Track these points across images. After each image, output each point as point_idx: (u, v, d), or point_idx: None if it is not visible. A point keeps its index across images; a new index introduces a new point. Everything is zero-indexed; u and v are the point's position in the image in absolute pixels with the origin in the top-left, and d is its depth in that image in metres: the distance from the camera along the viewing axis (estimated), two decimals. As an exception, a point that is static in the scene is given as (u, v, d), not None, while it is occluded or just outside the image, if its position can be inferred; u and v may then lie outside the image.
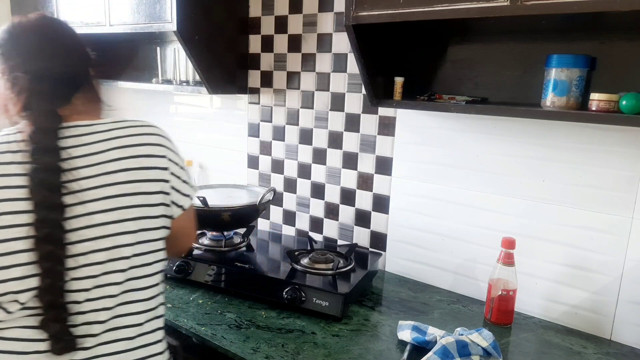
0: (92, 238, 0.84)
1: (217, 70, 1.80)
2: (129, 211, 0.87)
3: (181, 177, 0.96)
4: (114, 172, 0.86)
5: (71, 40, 0.96)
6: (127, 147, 0.89)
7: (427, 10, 1.11)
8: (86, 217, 0.84)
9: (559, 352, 1.20)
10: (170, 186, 0.93)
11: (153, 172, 0.90)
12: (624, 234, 1.22)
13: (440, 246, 1.54)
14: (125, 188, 0.87)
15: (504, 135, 1.37)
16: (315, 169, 1.79)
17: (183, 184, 0.96)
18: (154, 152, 0.91)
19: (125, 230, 0.86)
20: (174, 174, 0.94)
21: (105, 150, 0.87)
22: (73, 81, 0.94)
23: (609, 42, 1.17)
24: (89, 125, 0.90)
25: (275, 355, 1.13)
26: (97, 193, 0.85)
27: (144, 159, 0.89)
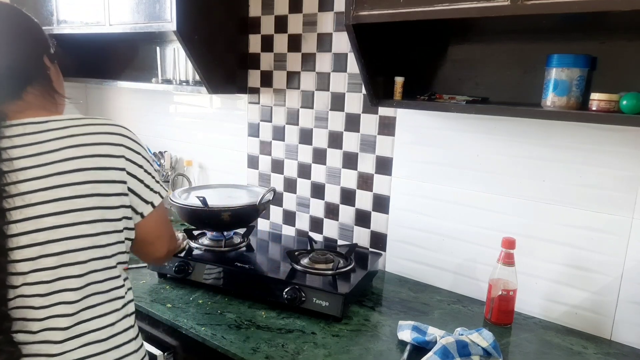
0: (41, 242, 0.79)
1: (217, 70, 1.80)
2: (85, 213, 0.82)
3: (143, 180, 0.90)
4: (68, 172, 0.81)
5: (24, 29, 0.88)
6: (84, 146, 0.83)
7: (427, 10, 1.11)
8: (35, 220, 0.79)
9: (559, 352, 1.20)
10: (127, 187, 0.88)
11: (111, 172, 0.85)
12: (624, 234, 1.22)
13: (440, 246, 1.54)
14: (80, 189, 0.81)
15: (505, 135, 1.37)
16: (315, 169, 1.79)
17: (144, 188, 0.90)
18: (113, 151, 0.86)
19: (80, 233, 0.82)
20: (132, 176, 0.88)
21: (59, 148, 0.81)
22: (23, 74, 0.87)
23: (609, 42, 1.16)
24: (42, 122, 0.83)
25: (275, 355, 1.13)
26: (48, 195, 0.79)
27: (101, 159, 0.84)
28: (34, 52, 0.89)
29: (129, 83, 2.10)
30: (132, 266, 1.59)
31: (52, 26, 2.06)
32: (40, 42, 0.91)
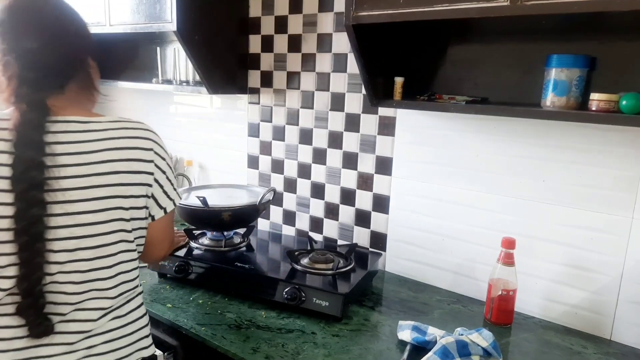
0: (79, 236, 0.86)
1: (217, 70, 1.80)
2: (118, 212, 0.89)
3: (163, 185, 0.96)
4: (104, 174, 0.87)
5: (72, 23, 0.92)
6: (119, 150, 0.88)
7: (427, 10, 1.11)
8: (74, 215, 0.85)
9: (559, 352, 1.20)
10: (151, 192, 0.94)
11: (141, 176, 0.91)
12: (624, 234, 1.22)
13: (440, 246, 1.54)
14: (115, 190, 0.88)
15: (504, 135, 1.37)
16: (315, 169, 1.79)
17: (162, 194, 0.96)
18: (144, 156, 0.91)
19: (113, 229, 0.89)
20: (157, 181, 0.94)
21: (98, 150, 0.87)
22: (68, 69, 0.91)
23: (609, 42, 1.17)
24: (84, 122, 0.88)
25: (275, 355, 1.13)
26: (86, 193, 0.85)
27: (134, 163, 0.90)
28: (80, 50, 0.93)
29: (129, 83, 2.10)
30: (133, 266, 1.59)
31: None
32: (87, 37, 0.95)
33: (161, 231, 1.01)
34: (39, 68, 0.85)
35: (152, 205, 0.95)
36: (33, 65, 0.85)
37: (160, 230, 1.01)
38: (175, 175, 1.02)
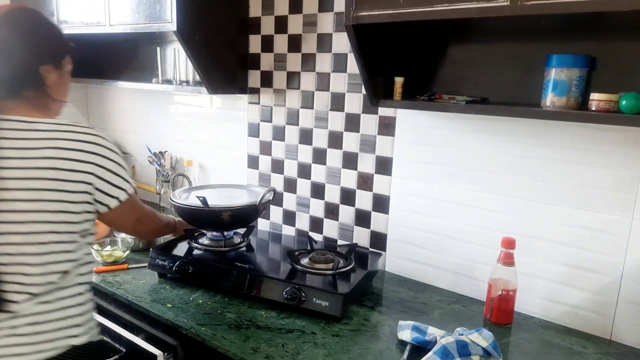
0: (11, 221, 0.95)
1: (217, 70, 1.80)
2: (50, 204, 0.97)
3: (110, 180, 1.06)
4: (43, 169, 0.96)
5: (30, 37, 1.01)
6: (61, 150, 0.98)
7: (427, 10, 1.11)
8: (8, 202, 0.95)
9: (559, 352, 1.20)
10: (93, 187, 1.03)
11: (78, 174, 1.00)
12: (624, 234, 1.22)
13: (440, 246, 1.54)
14: (49, 184, 0.97)
15: (504, 135, 1.37)
16: (315, 169, 1.79)
17: (110, 186, 1.06)
18: (83, 157, 1.01)
19: (43, 220, 0.97)
20: (100, 178, 1.03)
21: (41, 147, 0.97)
22: (19, 80, 1.01)
23: (609, 42, 1.17)
24: (31, 122, 0.99)
25: (275, 355, 1.13)
26: (23, 184, 0.95)
27: (73, 163, 0.99)
28: (32, 61, 1.02)
29: (129, 83, 2.10)
30: (133, 266, 1.59)
31: (53, 26, 2.06)
32: (41, 51, 1.04)
33: (125, 216, 1.15)
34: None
35: (101, 197, 1.05)
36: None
37: (124, 215, 1.15)
38: (127, 167, 1.12)
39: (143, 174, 2.47)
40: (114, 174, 1.06)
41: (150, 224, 1.32)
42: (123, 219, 1.19)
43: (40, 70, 1.03)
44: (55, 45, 1.08)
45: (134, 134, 2.47)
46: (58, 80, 1.09)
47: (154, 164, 2.24)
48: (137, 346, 1.33)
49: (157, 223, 1.38)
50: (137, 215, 1.22)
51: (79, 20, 1.96)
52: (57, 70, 1.08)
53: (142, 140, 2.42)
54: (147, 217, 1.29)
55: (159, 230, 1.44)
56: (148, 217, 1.29)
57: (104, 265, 1.58)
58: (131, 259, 1.65)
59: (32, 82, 1.03)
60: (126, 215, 1.17)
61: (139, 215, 1.23)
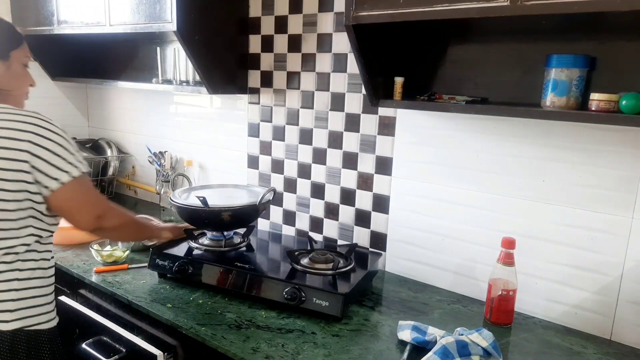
0: None
1: (217, 70, 1.80)
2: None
3: (49, 160, 1.07)
4: None
5: None
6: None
7: (427, 10, 1.11)
8: None
9: (559, 352, 1.20)
10: (30, 166, 1.05)
11: (12, 152, 1.04)
12: (624, 234, 1.22)
13: (440, 246, 1.54)
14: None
15: (504, 135, 1.37)
16: (315, 169, 1.79)
17: (50, 167, 1.07)
18: (19, 136, 1.05)
19: None
20: (37, 156, 1.06)
21: None
22: None
23: (609, 42, 1.17)
24: None
25: (275, 355, 1.13)
26: None
27: (6, 141, 1.05)
28: None
29: (129, 83, 2.10)
30: (133, 266, 1.59)
31: (53, 26, 2.07)
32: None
33: (70, 199, 1.12)
34: None
35: (40, 177, 1.07)
36: None
37: (69, 199, 1.12)
38: (74, 151, 1.12)
39: (143, 174, 2.47)
40: (53, 153, 1.07)
41: (116, 219, 1.24)
42: (77, 209, 1.15)
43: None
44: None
45: (134, 134, 2.47)
46: (5, 71, 1.17)
47: (154, 164, 2.24)
48: (137, 346, 1.33)
49: (125, 219, 1.30)
50: (96, 209, 1.18)
51: (79, 20, 1.96)
52: (3, 61, 1.16)
53: (142, 140, 2.42)
54: (110, 212, 1.22)
55: (128, 228, 1.34)
56: (111, 213, 1.23)
57: (104, 265, 1.58)
58: (131, 259, 1.65)
59: None
60: (78, 204, 1.14)
61: (99, 211, 1.18)
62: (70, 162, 1.10)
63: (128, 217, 1.33)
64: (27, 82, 1.24)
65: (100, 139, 2.56)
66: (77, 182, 1.11)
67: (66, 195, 1.10)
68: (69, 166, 1.10)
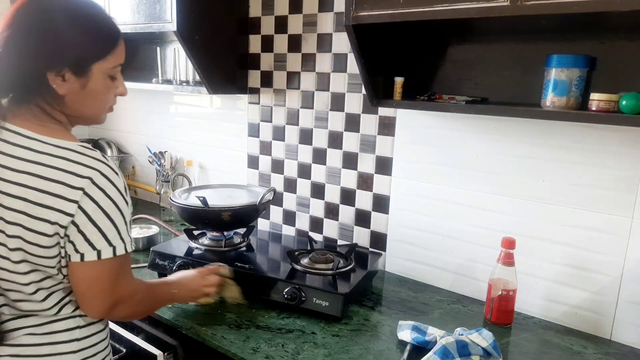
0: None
1: (217, 70, 1.80)
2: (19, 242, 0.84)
3: (98, 223, 0.85)
4: (15, 197, 0.82)
5: (42, 39, 0.83)
6: (42, 179, 0.82)
7: (427, 10, 1.11)
8: None
9: (559, 352, 1.20)
10: (64, 233, 0.84)
11: (53, 213, 0.83)
12: (624, 234, 1.22)
13: (440, 246, 1.54)
14: (18, 218, 0.83)
15: (504, 135, 1.37)
16: (315, 169, 1.79)
17: (97, 235, 0.85)
18: (66, 194, 0.82)
19: (17, 259, 0.86)
20: (76, 224, 0.84)
21: (23, 172, 0.83)
22: (23, 85, 0.86)
23: (609, 42, 1.17)
24: (29, 138, 0.85)
25: (275, 355, 1.13)
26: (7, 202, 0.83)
27: (50, 198, 0.82)
28: (36, 66, 0.84)
29: (129, 83, 2.07)
30: (133, 266, 1.59)
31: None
32: (51, 56, 0.84)
33: (90, 277, 0.88)
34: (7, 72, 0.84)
35: (68, 247, 0.86)
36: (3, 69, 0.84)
37: (89, 276, 0.88)
38: (129, 220, 0.91)
39: (143, 174, 2.47)
40: (109, 219, 0.86)
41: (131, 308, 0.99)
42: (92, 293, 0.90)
43: (47, 77, 0.85)
44: (72, 47, 0.85)
45: (134, 134, 2.47)
46: (78, 90, 0.88)
47: (154, 164, 2.24)
48: (137, 346, 1.33)
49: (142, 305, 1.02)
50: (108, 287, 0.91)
51: (79, 20, 1.96)
52: (77, 78, 0.87)
53: (142, 140, 2.42)
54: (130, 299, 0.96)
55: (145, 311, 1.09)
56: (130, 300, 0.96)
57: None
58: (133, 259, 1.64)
59: (36, 90, 0.86)
60: (98, 282, 0.89)
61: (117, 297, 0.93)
62: (122, 237, 0.88)
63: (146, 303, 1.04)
64: (107, 98, 0.94)
65: (100, 139, 2.56)
66: (109, 262, 0.88)
67: (90, 272, 0.88)
68: (118, 240, 0.87)
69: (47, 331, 0.92)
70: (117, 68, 0.93)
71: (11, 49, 0.83)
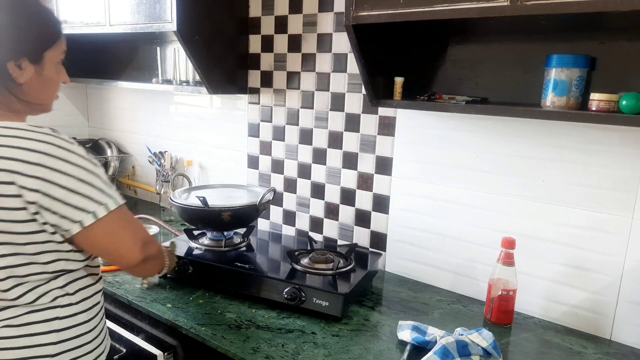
0: None
1: (217, 70, 1.80)
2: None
3: (63, 199, 0.86)
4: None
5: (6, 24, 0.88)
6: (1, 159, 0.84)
7: (426, 10, 1.11)
8: None
9: (559, 352, 1.20)
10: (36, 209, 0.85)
11: (12, 187, 0.83)
12: (624, 234, 1.22)
13: (440, 246, 1.54)
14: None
15: (504, 135, 1.37)
16: (315, 169, 1.79)
17: (65, 207, 0.86)
18: (24, 170, 0.83)
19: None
20: (47, 195, 0.85)
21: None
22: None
23: (609, 42, 1.17)
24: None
25: (275, 355, 1.13)
26: None
27: (6, 174, 0.83)
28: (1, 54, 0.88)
29: (129, 83, 2.10)
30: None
31: (53, 26, 2.06)
32: (11, 46, 0.89)
33: (104, 237, 0.92)
34: None
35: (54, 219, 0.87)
36: None
37: (102, 237, 0.92)
38: (106, 179, 0.92)
39: (143, 174, 2.47)
40: (71, 191, 0.87)
41: (156, 245, 1.07)
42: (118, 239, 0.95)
43: (7, 65, 0.89)
44: (31, 35, 0.91)
45: (134, 134, 2.47)
46: (36, 78, 0.93)
47: (154, 164, 2.24)
48: (137, 346, 1.34)
49: (158, 244, 1.11)
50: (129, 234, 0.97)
51: (79, 20, 1.96)
52: (34, 66, 0.92)
53: (142, 140, 2.42)
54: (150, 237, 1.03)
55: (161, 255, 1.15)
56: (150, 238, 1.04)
57: (104, 265, 1.58)
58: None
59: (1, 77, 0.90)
60: (121, 234, 0.95)
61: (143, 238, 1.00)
62: (104, 190, 0.90)
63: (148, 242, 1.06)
64: (58, 84, 1.01)
65: (100, 139, 2.56)
66: (113, 214, 0.91)
67: (106, 230, 0.91)
68: (90, 202, 0.88)
69: (23, 322, 0.92)
70: (62, 55, 0.99)
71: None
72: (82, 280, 0.98)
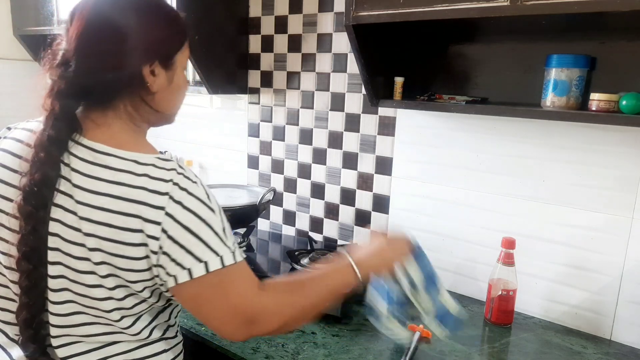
0: (67, 278, 0.77)
1: (217, 70, 1.80)
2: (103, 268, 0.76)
3: (182, 244, 0.75)
4: (98, 223, 0.74)
5: (133, 29, 0.76)
6: (123, 201, 0.73)
7: (427, 10, 1.11)
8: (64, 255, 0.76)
9: (559, 352, 1.20)
10: (157, 260, 0.75)
11: (136, 235, 0.74)
12: (624, 234, 1.22)
13: (440, 246, 1.54)
14: (102, 244, 0.74)
15: (504, 135, 1.37)
16: (315, 169, 1.79)
17: (180, 251, 0.75)
18: (147, 215, 0.73)
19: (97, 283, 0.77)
20: (170, 238, 0.74)
21: (103, 194, 0.74)
22: (114, 85, 0.77)
23: (609, 42, 1.17)
24: (105, 154, 0.76)
25: (275, 355, 1.13)
26: (76, 236, 0.75)
27: (131, 219, 0.73)
28: (131, 60, 0.77)
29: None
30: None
31: (53, 26, 2.06)
32: (146, 49, 0.78)
33: (194, 299, 0.78)
34: (79, 76, 0.75)
35: (167, 264, 0.75)
36: (76, 72, 0.74)
37: (192, 299, 0.78)
38: (223, 228, 0.80)
39: (143, 174, 2.46)
40: (192, 234, 0.76)
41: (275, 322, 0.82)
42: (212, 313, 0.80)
43: (142, 71, 0.78)
44: (164, 35, 0.80)
45: (134, 134, 2.47)
46: (166, 86, 0.82)
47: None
48: (137, 346, 1.33)
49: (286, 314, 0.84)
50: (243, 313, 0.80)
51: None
52: (165, 71, 0.81)
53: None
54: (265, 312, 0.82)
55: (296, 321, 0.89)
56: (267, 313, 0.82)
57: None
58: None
59: (128, 87, 0.78)
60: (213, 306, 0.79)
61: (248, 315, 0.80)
62: (212, 248, 0.76)
63: (292, 309, 0.85)
64: (185, 92, 0.89)
65: (100, 139, 2.55)
66: (212, 276, 0.76)
67: (196, 290, 0.77)
68: (205, 252, 0.75)
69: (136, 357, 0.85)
70: (187, 58, 0.87)
71: (93, 50, 0.76)
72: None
